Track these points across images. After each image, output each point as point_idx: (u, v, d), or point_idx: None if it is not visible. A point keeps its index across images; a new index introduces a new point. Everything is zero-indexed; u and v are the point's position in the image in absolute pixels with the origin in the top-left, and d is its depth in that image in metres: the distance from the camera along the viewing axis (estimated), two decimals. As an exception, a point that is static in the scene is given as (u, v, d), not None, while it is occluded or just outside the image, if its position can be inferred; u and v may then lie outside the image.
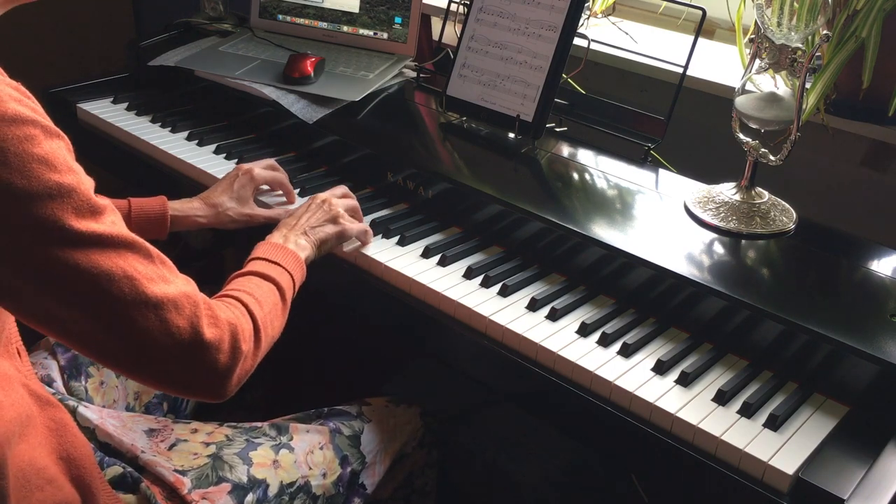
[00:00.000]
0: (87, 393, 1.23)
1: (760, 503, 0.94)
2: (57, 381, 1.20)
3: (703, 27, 1.39)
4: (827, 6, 1.15)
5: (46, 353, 1.23)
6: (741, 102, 1.24)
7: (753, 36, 1.21)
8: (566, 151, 1.47)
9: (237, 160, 1.57)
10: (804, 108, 1.21)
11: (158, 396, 1.32)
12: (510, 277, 1.24)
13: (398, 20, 1.78)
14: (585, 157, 1.46)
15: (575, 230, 1.24)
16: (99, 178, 0.91)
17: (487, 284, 1.23)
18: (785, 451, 0.96)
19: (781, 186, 1.31)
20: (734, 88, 1.25)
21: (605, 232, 1.23)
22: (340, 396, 1.33)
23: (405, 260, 1.29)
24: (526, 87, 1.45)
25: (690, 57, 1.39)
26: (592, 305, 1.21)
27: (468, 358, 1.22)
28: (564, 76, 1.49)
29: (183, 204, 1.33)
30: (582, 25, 1.56)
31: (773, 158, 1.24)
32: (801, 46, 1.16)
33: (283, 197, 1.45)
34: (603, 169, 1.41)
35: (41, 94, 0.84)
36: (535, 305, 1.18)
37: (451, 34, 1.64)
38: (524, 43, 1.46)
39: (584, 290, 1.24)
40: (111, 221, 0.84)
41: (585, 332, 1.14)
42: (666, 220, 1.28)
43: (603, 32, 1.70)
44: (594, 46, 1.52)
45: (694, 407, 1.02)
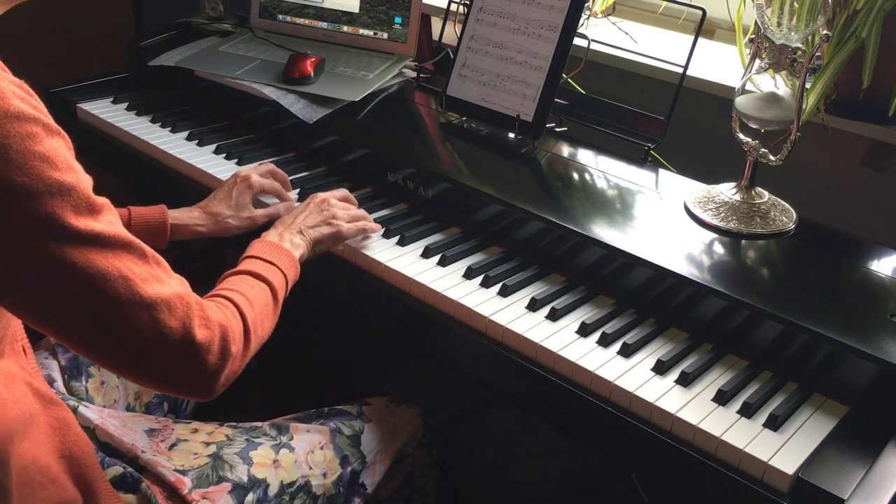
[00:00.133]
0: (87, 393, 1.23)
1: (760, 503, 0.94)
2: (58, 380, 1.21)
3: (703, 27, 1.39)
4: (827, 6, 1.15)
5: (47, 352, 1.23)
6: (741, 102, 1.24)
7: (753, 36, 1.21)
8: (566, 151, 1.47)
9: (237, 160, 1.57)
10: (804, 108, 1.21)
11: (159, 396, 1.32)
12: (510, 277, 1.24)
13: (398, 20, 1.78)
14: (585, 157, 1.46)
15: (575, 230, 1.24)
16: (99, 177, 0.92)
17: (487, 284, 1.23)
18: (785, 451, 0.96)
19: (781, 186, 1.31)
20: (734, 88, 1.25)
21: (605, 232, 1.23)
22: (340, 396, 1.33)
23: (405, 260, 1.29)
24: (526, 87, 1.45)
25: (690, 57, 1.39)
26: (592, 305, 1.22)
27: (468, 358, 1.22)
28: (564, 76, 1.49)
29: (183, 213, 1.33)
30: (582, 25, 1.56)
31: (773, 158, 1.24)
32: (801, 46, 1.16)
33: (283, 197, 1.45)
34: (603, 169, 1.41)
35: (41, 93, 0.84)
36: (535, 305, 1.19)
37: (451, 34, 1.64)
38: (524, 43, 1.46)
39: (584, 290, 1.24)
40: (108, 221, 0.84)
41: (585, 332, 1.14)
42: (666, 220, 1.28)
43: (603, 32, 1.70)
44: (594, 46, 1.52)
45: (694, 407, 1.02)
